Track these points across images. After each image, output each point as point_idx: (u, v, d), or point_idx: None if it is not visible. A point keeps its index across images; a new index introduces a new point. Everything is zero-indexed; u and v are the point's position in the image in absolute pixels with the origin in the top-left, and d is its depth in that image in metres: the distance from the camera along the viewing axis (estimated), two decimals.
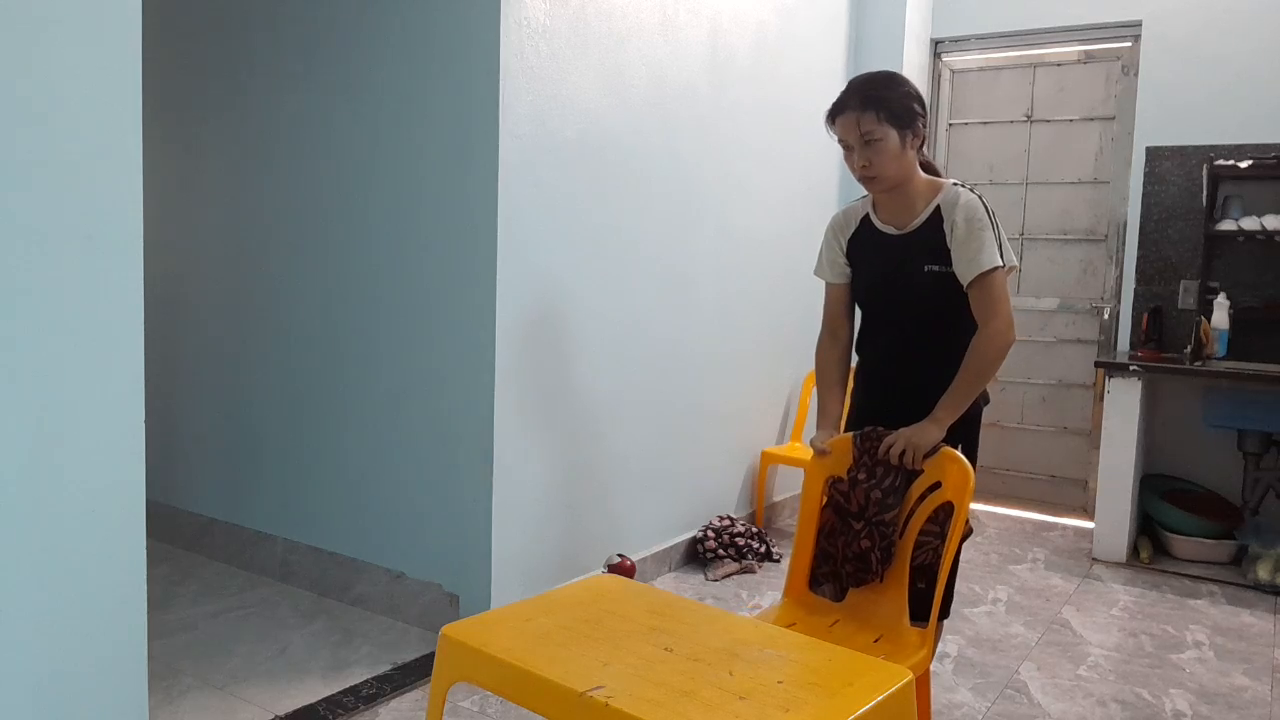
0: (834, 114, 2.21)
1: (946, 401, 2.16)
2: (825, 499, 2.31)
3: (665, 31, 3.42)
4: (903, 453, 2.15)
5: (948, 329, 2.23)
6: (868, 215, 2.32)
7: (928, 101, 5.02)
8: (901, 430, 2.17)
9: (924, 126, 2.22)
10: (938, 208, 2.20)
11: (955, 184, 2.23)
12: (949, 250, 2.17)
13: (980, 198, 2.20)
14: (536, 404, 3.04)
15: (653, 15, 3.35)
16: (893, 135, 2.15)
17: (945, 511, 2.12)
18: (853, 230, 2.35)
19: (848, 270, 2.38)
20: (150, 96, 1.86)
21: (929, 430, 2.15)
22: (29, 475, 1.69)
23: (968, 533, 2.15)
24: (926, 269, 2.19)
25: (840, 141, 2.22)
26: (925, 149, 2.29)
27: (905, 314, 2.27)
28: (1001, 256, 2.14)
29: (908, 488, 2.17)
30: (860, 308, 2.41)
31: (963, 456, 2.12)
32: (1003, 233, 2.17)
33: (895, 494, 2.16)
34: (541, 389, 3.06)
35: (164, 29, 3.57)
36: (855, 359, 2.45)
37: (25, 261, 1.66)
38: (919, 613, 2.16)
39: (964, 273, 2.16)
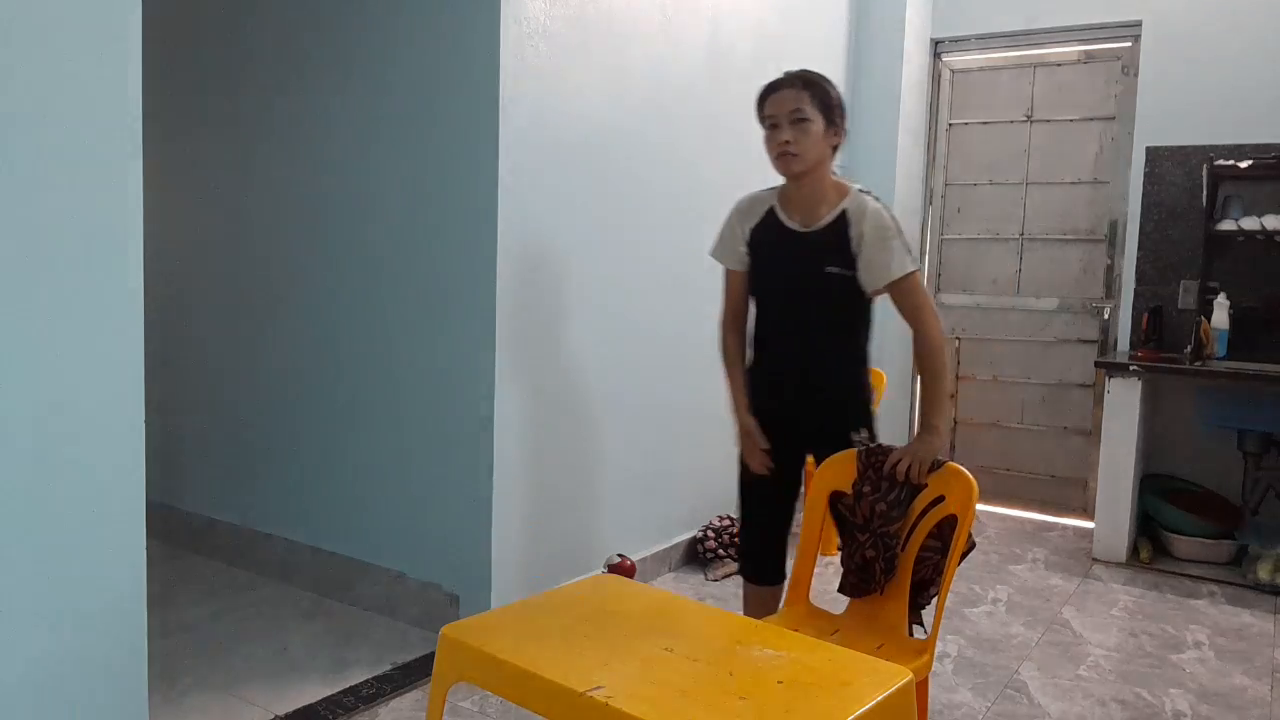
0: (769, 91, 2.29)
1: (931, 408, 2.25)
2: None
3: (665, 31, 3.42)
4: (909, 468, 2.18)
5: (843, 331, 2.32)
6: (774, 207, 2.36)
7: (928, 101, 5.03)
8: (904, 446, 2.22)
9: (843, 131, 2.30)
10: (844, 211, 2.25)
11: (861, 190, 2.28)
12: (851, 255, 2.23)
13: (885, 206, 2.26)
14: (536, 403, 3.04)
15: (653, 15, 3.35)
16: (819, 121, 2.23)
17: (947, 526, 2.14)
18: (757, 219, 2.38)
19: (747, 259, 2.41)
20: (150, 97, 1.86)
21: (930, 441, 2.20)
22: (29, 475, 1.69)
23: (971, 546, 2.16)
24: (828, 270, 2.25)
25: (768, 119, 2.29)
26: (838, 155, 2.36)
27: (804, 313, 2.33)
28: (912, 261, 2.23)
29: (912, 500, 2.19)
30: (756, 301, 2.43)
31: (964, 469, 2.14)
32: (907, 239, 2.25)
33: (900, 506, 2.19)
34: (541, 389, 3.06)
35: (164, 29, 3.55)
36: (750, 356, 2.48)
37: (25, 261, 1.66)
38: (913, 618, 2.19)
39: (873, 280, 2.24)
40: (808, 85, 2.24)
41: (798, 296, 2.32)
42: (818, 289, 2.27)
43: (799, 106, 2.22)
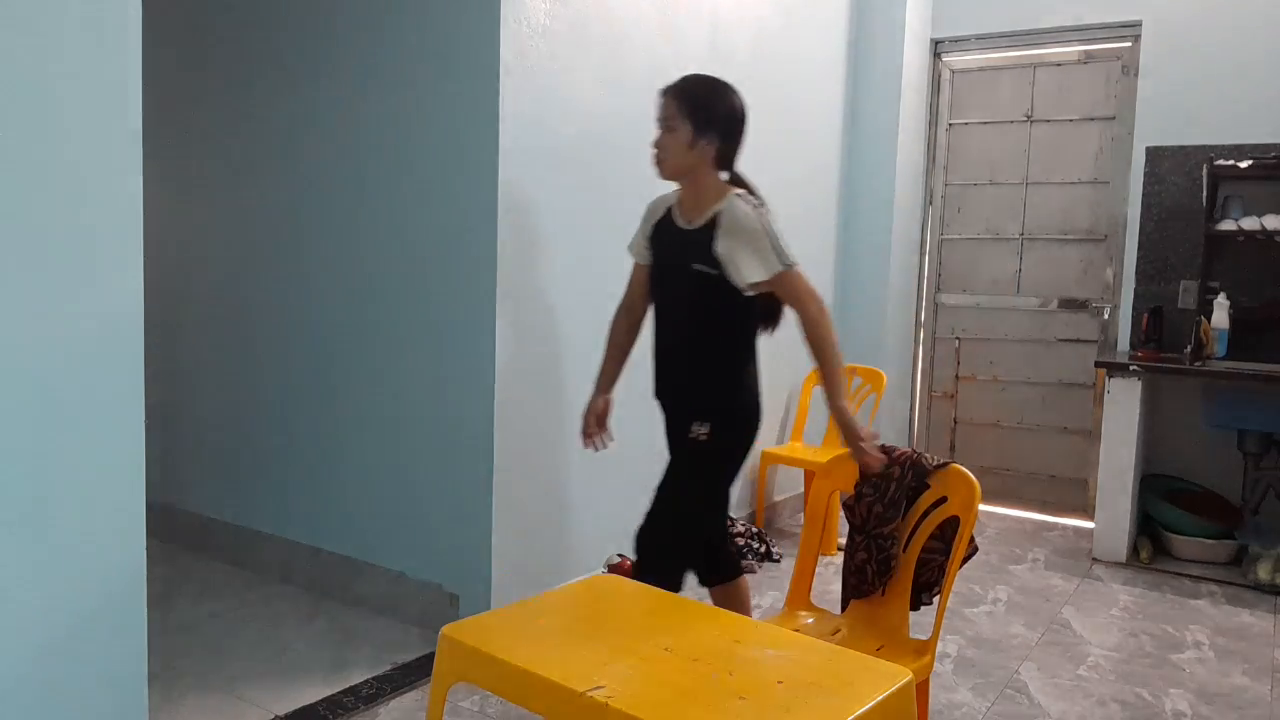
0: (659, 95, 2.38)
1: (830, 391, 2.29)
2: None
3: (665, 31, 3.42)
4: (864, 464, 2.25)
5: (707, 326, 2.37)
6: (672, 207, 2.45)
7: (928, 101, 5.02)
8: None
9: (725, 139, 2.34)
10: (717, 214, 2.31)
11: (737, 194, 2.33)
12: (716, 255, 2.29)
13: (756, 209, 2.30)
14: (536, 404, 3.04)
15: (653, 15, 3.35)
16: (686, 130, 2.31)
17: (949, 527, 2.14)
18: (659, 217, 2.48)
19: (649, 255, 2.52)
20: (150, 96, 1.86)
21: (842, 426, 2.27)
22: (29, 475, 1.69)
23: (973, 551, 2.16)
24: (694, 267, 2.32)
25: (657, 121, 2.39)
26: (733, 165, 2.41)
27: (675, 307, 2.43)
28: (781, 261, 2.27)
29: (910, 502, 2.19)
30: (651, 293, 2.56)
31: (967, 471, 2.13)
32: (779, 240, 2.28)
33: (894, 508, 2.20)
34: (541, 388, 3.06)
35: (165, 28, 3.56)
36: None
37: (25, 261, 1.66)
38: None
39: (742, 279, 2.28)
40: (678, 95, 2.33)
41: (672, 291, 2.43)
42: (686, 285, 2.35)
43: (667, 115, 2.32)
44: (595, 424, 2.65)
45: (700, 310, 2.37)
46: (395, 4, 2.99)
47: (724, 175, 2.39)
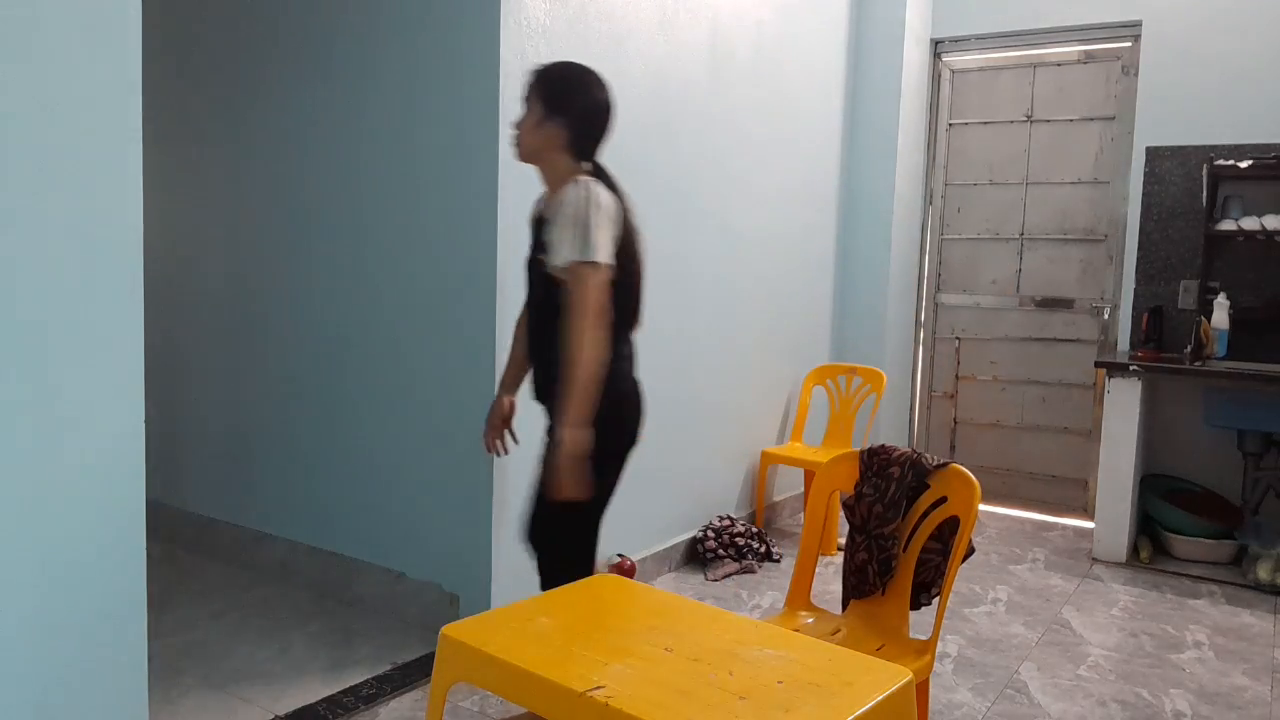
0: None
1: (565, 402, 2.13)
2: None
3: (665, 31, 3.42)
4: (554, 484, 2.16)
5: (547, 321, 2.24)
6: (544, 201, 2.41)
7: (928, 101, 5.02)
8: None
9: (578, 127, 2.25)
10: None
11: (578, 180, 2.20)
12: (545, 241, 2.22)
13: (586, 195, 2.14)
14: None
15: (652, 15, 3.35)
16: (538, 113, 2.25)
17: (948, 528, 2.14)
18: (538, 212, 2.40)
19: None
20: (150, 97, 1.86)
21: (560, 441, 2.13)
22: (29, 475, 1.69)
23: (970, 552, 2.16)
24: (536, 256, 2.28)
25: None
26: (592, 155, 2.30)
27: (531, 297, 2.36)
28: (581, 251, 2.11)
29: (909, 503, 2.19)
30: None
31: (967, 471, 2.13)
32: (599, 232, 2.12)
33: (895, 508, 2.19)
34: None
35: (164, 29, 3.56)
36: None
37: (25, 261, 1.66)
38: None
39: (551, 260, 2.18)
40: (538, 76, 2.29)
41: (531, 283, 2.35)
42: (530, 277, 2.32)
43: (527, 95, 2.28)
44: (498, 427, 2.55)
45: (544, 304, 2.27)
46: (396, 4, 2.99)
47: (586, 166, 2.29)
